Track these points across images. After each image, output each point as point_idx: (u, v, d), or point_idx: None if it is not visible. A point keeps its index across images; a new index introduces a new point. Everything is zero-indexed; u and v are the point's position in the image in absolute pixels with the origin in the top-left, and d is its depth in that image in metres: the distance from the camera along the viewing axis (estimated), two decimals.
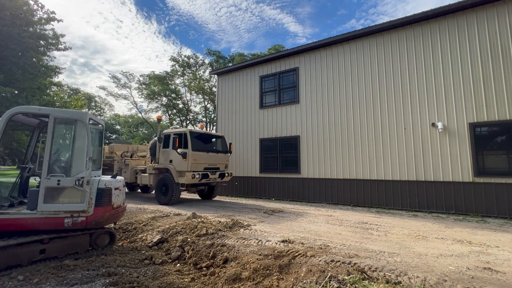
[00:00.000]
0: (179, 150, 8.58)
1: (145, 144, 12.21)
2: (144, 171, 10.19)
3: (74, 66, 78.27)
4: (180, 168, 8.64)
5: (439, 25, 8.37)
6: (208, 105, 33.97)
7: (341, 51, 10.15)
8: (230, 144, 10.54)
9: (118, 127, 46.52)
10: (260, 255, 3.91)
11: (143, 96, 35.63)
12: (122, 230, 5.90)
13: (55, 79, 23.65)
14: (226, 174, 9.78)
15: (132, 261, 4.17)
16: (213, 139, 10.24)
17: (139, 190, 13.84)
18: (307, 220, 6.60)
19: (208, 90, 32.78)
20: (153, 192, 12.85)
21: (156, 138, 9.73)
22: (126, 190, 12.97)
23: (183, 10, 67.93)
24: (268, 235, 5.00)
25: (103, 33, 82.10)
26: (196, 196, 11.38)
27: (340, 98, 9.98)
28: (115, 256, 4.31)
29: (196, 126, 36.99)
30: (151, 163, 9.88)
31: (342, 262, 3.52)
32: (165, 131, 9.67)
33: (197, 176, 8.51)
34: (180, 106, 35.21)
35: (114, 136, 46.21)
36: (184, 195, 11.80)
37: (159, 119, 10.60)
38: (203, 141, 9.55)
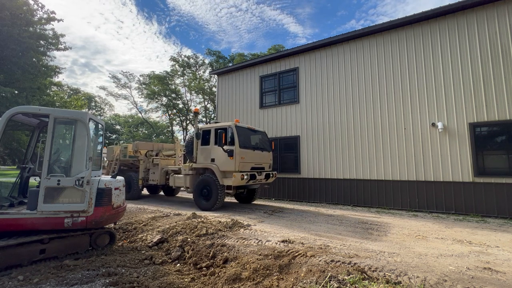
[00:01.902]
0: (225, 147, 7.56)
1: (176, 142, 11.16)
2: (177, 172, 9.15)
3: (75, 67, 78.30)
4: (225, 168, 7.58)
5: (439, 25, 8.36)
6: (208, 105, 33.96)
7: (341, 51, 10.15)
8: (272, 141, 9.49)
9: (118, 127, 46.50)
10: (260, 255, 3.91)
11: (143, 96, 35.66)
12: (122, 230, 5.90)
13: (55, 79, 23.65)
14: (271, 175, 8.72)
15: (132, 261, 4.17)
16: (257, 135, 8.94)
17: (161, 193, 12.63)
18: (307, 220, 6.60)
19: (208, 90, 32.79)
20: (178, 195, 12.20)
21: (193, 134, 8.69)
22: (147, 192, 12.27)
23: (183, 11, 68.00)
24: (268, 235, 5.00)
25: (104, 33, 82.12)
26: (232, 199, 10.14)
27: (340, 98, 9.98)
28: (115, 256, 4.31)
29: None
30: (186, 163, 8.88)
31: (342, 262, 3.52)
32: (203, 125, 8.74)
33: (246, 177, 7.47)
34: (180, 106, 35.20)
35: (114, 136, 46.19)
36: None
37: (196, 113, 8.90)
38: (248, 137, 8.35)
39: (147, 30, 75.07)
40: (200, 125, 8.66)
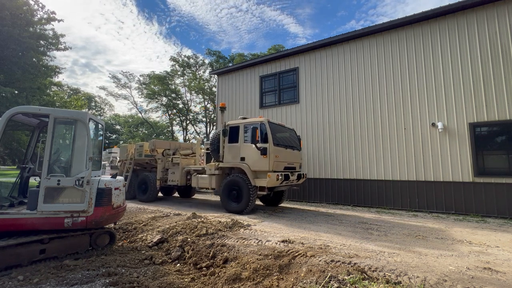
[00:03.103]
0: (258, 145, 6.99)
1: (201, 140, 10.64)
2: (201, 172, 8.57)
3: (75, 67, 78.43)
4: (257, 167, 7.06)
5: (439, 25, 8.36)
6: (208, 105, 33.97)
7: (341, 51, 10.14)
8: (300, 139, 8.95)
9: (118, 127, 46.52)
10: (260, 255, 3.90)
11: (143, 96, 35.66)
12: (122, 230, 5.90)
13: (55, 79, 23.66)
14: (302, 176, 8.17)
15: (132, 261, 4.16)
16: (287, 133, 8.33)
17: (176, 194, 12.01)
18: (307, 220, 6.60)
19: (208, 90, 32.79)
20: (194, 196, 11.46)
21: (218, 131, 8.12)
22: (160, 194, 11.46)
23: (184, 11, 68.06)
24: (268, 235, 5.00)
25: (104, 34, 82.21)
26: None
27: (340, 98, 9.98)
28: (115, 256, 4.31)
29: (197, 126, 37.02)
30: (211, 162, 8.31)
31: (342, 262, 3.52)
32: (231, 122, 8.05)
33: (281, 177, 6.96)
34: (180, 106, 35.21)
35: (114, 136, 46.21)
36: None
37: (223, 107, 8.21)
38: (280, 135, 7.77)
39: (147, 31, 75.24)
40: (231, 121, 8.05)
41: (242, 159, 7.35)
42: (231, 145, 7.66)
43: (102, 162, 13.72)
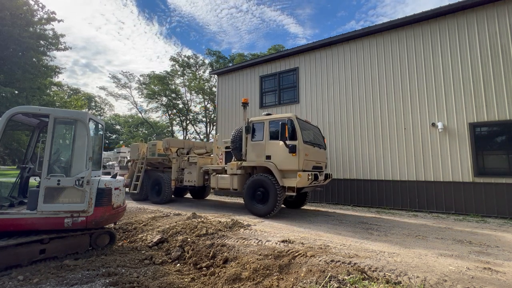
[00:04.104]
0: (287, 142, 6.57)
1: (214, 137, 9.70)
2: (220, 172, 8.09)
3: (76, 67, 78.45)
4: (284, 166, 6.62)
5: (439, 25, 8.36)
6: (208, 105, 33.96)
7: (341, 51, 10.15)
8: (324, 138, 8.57)
9: (118, 127, 46.52)
10: (260, 255, 3.90)
11: (143, 96, 35.65)
12: (122, 230, 5.90)
13: (55, 79, 23.66)
14: (329, 176, 7.67)
15: (132, 261, 4.16)
16: (313, 130, 7.83)
17: (188, 195, 11.55)
18: (307, 220, 6.60)
19: (208, 90, 32.79)
20: (207, 198, 11.08)
21: (240, 128, 7.70)
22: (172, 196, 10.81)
23: (184, 12, 68.11)
24: (268, 235, 5.00)
25: (105, 34, 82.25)
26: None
27: (340, 98, 9.98)
28: (115, 256, 4.31)
29: (197, 126, 37.02)
30: (232, 160, 7.91)
31: (342, 262, 3.52)
32: (254, 118, 7.62)
33: (310, 177, 6.46)
34: (180, 106, 35.21)
35: (114, 136, 46.20)
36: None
37: (245, 103, 7.69)
38: (307, 132, 7.29)
39: (148, 31, 75.25)
40: (254, 118, 7.55)
41: (268, 157, 6.90)
42: (255, 143, 7.24)
43: (110, 162, 13.44)
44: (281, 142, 6.66)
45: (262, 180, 6.82)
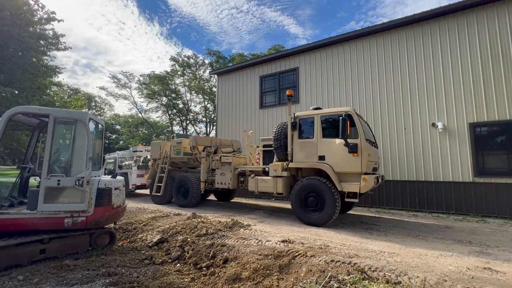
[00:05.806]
0: (349, 140, 5.64)
1: (248, 136, 8.87)
2: (259, 173, 7.26)
3: (76, 67, 78.43)
4: (343, 168, 5.71)
5: (439, 25, 8.36)
6: (208, 105, 33.97)
7: (341, 51, 10.14)
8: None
9: (118, 127, 46.48)
10: (260, 255, 3.90)
11: (143, 96, 35.64)
12: (122, 230, 5.90)
13: (55, 79, 23.65)
14: (382, 178, 6.67)
15: (132, 261, 4.17)
16: (367, 127, 6.86)
17: (211, 197, 10.87)
18: None
19: (208, 90, 32.79)
20: (233, 200, 10.37)
21: (284, 124, 6.89)
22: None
23: (185, 12, 68.17)
24: (268, 235, 5.00)
25: (105, 34, 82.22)
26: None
27: (340, 98, 9.97)
28: (115, 256, 4.31)
29: (197, 126, 37.02)
30: (274, 161, 7.07)
31: (342, 262, 3.52)
32: (301, 113, 6.65)
33: (375, 180, 5.59)
34: (180, 106, 35.21)
35: (114, 136, 46.17)
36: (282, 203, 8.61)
37: (290, 95, 6.72)
38: (365, 128, 6.33)
39: (148, 31, 75.28)
40: (300, 113, 6.66)
41: (321, 158, 5.99)
42: (304, 141, 6.34)
43: (127, 162, 12.81)
44: (338, 140, 5.75)
45: (316, 184, 5.89)
